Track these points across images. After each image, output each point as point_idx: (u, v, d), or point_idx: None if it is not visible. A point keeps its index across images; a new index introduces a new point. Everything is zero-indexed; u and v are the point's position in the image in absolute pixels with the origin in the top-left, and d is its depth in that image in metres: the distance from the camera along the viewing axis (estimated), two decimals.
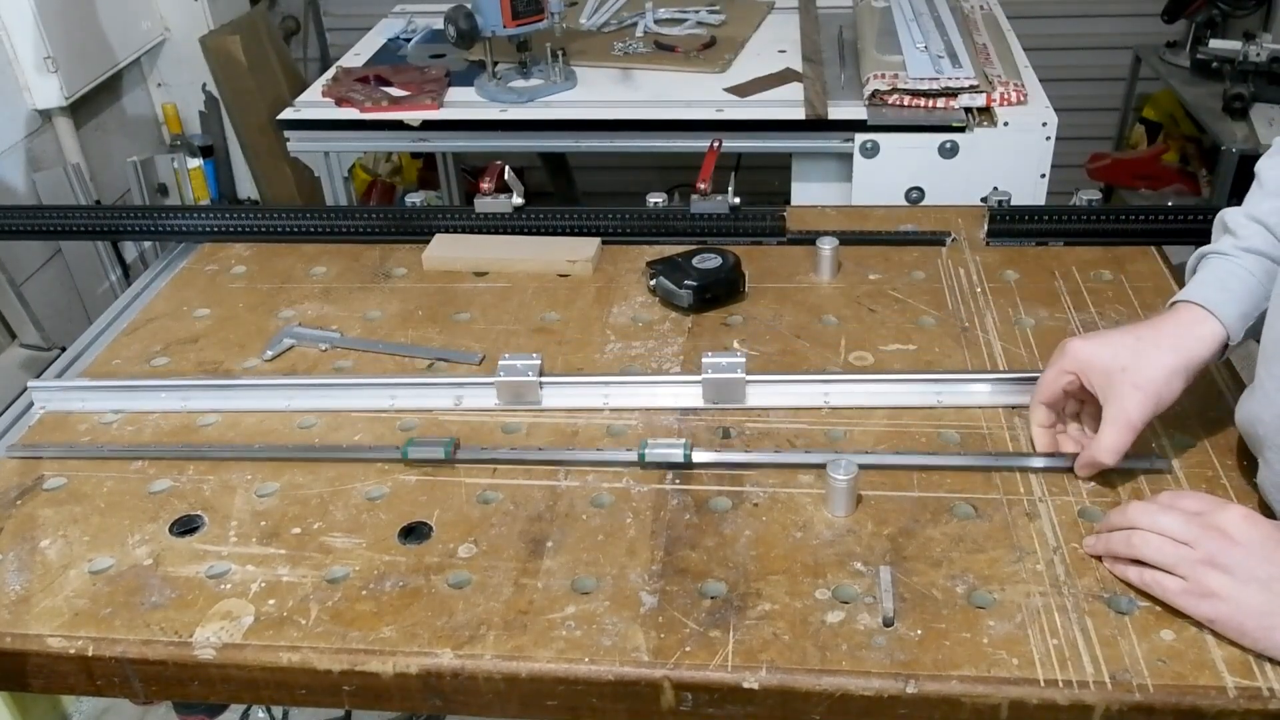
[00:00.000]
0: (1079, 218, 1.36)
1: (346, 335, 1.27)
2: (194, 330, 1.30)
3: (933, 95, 1.91)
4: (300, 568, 0.94)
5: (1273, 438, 0.89)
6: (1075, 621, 0.84)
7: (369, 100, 2.07)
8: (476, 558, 0.94)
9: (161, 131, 3.12)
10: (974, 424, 1.07)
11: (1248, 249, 0.95)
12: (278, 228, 1.48)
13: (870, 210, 1.51)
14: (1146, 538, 0.84)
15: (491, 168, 1.45)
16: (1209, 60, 2.75)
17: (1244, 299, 0.93)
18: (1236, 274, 0.95)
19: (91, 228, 1.59)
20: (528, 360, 1.12)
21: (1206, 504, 0.83)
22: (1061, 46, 3.27)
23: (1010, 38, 2.23)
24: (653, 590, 0.89)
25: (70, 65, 2.54)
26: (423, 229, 1.46)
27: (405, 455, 1.05)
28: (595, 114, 2.03)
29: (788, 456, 1.03)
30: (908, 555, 0.91)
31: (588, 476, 1.03)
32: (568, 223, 1.44)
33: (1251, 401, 0.93)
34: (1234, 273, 0.95)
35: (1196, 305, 0.94)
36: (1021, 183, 1.85)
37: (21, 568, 0.95)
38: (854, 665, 0.82)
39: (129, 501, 1.03)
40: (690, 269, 1.28)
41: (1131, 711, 0.78)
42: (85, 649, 0.87)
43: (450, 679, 0.84)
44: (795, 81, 2.08)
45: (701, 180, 1.42)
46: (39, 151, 2.55)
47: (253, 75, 2.93)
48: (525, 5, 1.99)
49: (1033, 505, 0.96)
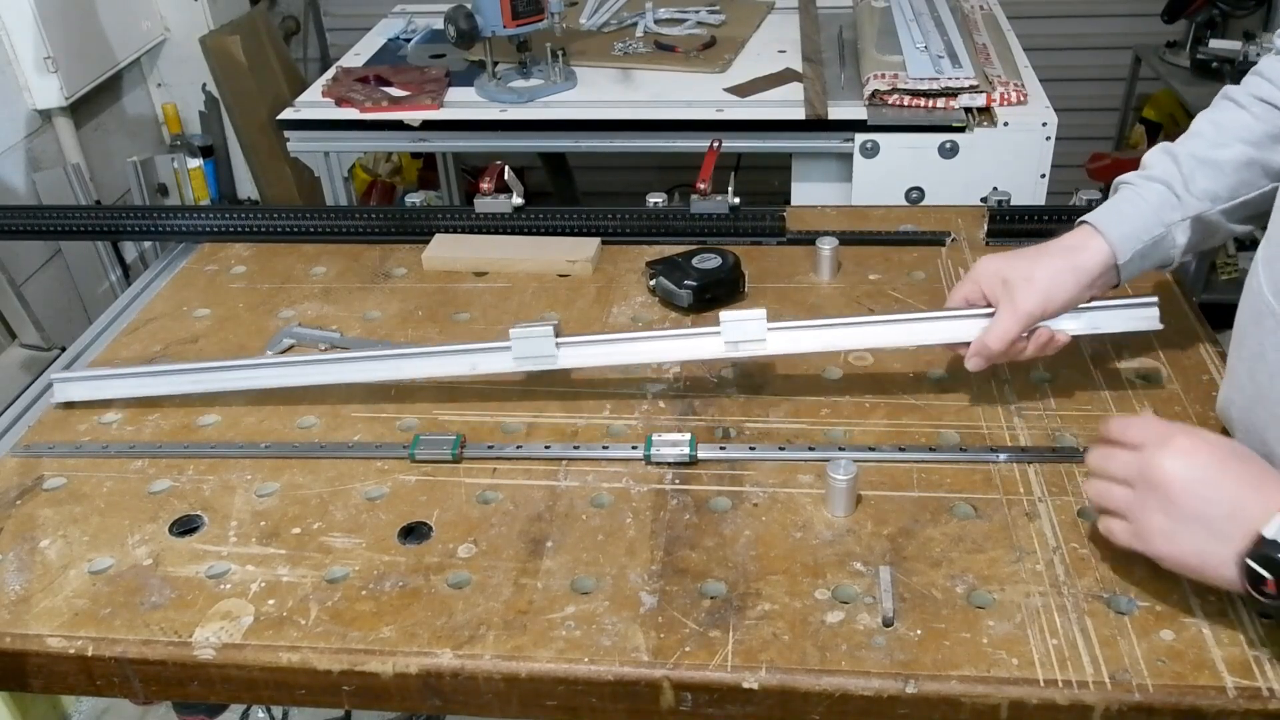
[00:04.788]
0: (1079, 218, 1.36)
1: (346, 335, 1.27)
2: (194, 330, 1.30)
3: (933, 95, 1.91)
4: (300, 568, 0.94)
5: (1243, 419, 0.92)
6: (1075, 621, 0.84)
7: (369, 100, 2.07)
8: (476, 558, 0.94)
9: (161, 131, 3.12)
10: (974, 424, 1.07)
11: (1149, 178, 1.02)
12: (278, 228, 1.48)
13: (870, 210, 1.51)
14: (1093, 483, 0.86)
15: (491, 168, 1.45)
16: (1209, 60, 2.75)
17: (1133, 220, 1.01)
18: (1130, 199, 1.02)
19: (91, 228, 1.59)
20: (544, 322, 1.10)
21: (1151, 433, 0.81)
22: (1061, 46, 3.27)
23: (1010, 38, 2.23)
24: (652, 590, 0.89)
25: (70, 65, 2.54)
26: (423, 229, 1.46)
27: (412, 455, 1.05)
28: (595, 114, 2.03)
29: (790, 454, 1.03)
30: (907, 555, 0.91)
31: (587, 476, 1.03)
32: (568, 223, 1.44)
33: (1226, 387, 0.97)
34: (1128, 198, 1.03)
35: (1088, 224, 1.03)
36: (1021, 183, 1.85)
37: (21, 568, 0.95)
38: (854, 665, 0.82)
39: (129, 501, 1.03)
40: (690, 269, 1.28)
41: (1131, 711, 0.78)
42: (85, 649, 0.87)
43: (450, 679, 0.84)
44: (795, 81, 2.08)
45: (701, 180, 1.42)
46: (39, 151, 2.55)
47: (253, 75, 2.93)
48: (525, 5, 1.99)
49: (1033, 505, 0.96)
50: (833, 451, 1.03)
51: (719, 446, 1.05)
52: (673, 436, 1.04)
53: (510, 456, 1.06)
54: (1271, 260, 0.88)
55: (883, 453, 1.04)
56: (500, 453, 1.06)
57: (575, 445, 1.07)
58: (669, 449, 1.03)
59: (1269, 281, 0.87)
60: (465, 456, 1.05)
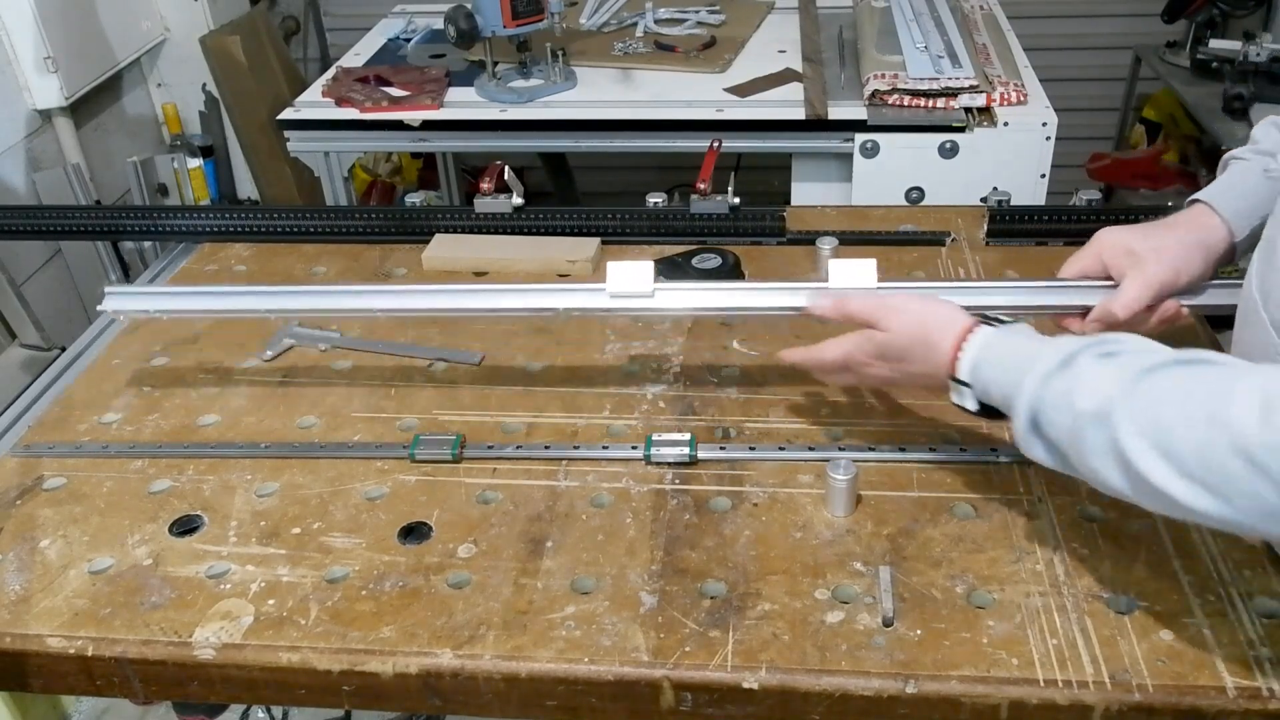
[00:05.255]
0: (1079, 218, 1.36)
1: (346, 335, 1.27)
2: (194, 330, 1.30)
3: (933, 95, 1.91)
4: (300, 568, 0.94)
5: None
6: (1075, 621, 0.84)
7: (369, 100, 2.07)
8: (476, 558, 0.94)
9: (161, 131, 3.12)
10: (974, 423, 1.07)
11: (1260, 151, 1.00)
12: (278, 228, 1.48)
13: (870, 210, 1.51)
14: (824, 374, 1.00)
15: (491, 168, 1.45)
16: (1209, 60, 2.75)
17: (1246, 195, 0.98)
18: (1241, 171, 1.00)
19: (91, 228, 1.59)
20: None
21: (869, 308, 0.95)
22: (1061, 46, 3.27)
23: (1010, 38, 2.23)
24: (652, 590, 0.89)
25: (70, 65, 2.54)
26: (423, 229, 1.46)
27: (412, 455, 1.05)
28: (595, 114, 2.03)
29: (790, 454, 1.03)
30: (907, 555, 0.91)
31: (587, 476, 1.03)
32: (568, 223, 1.44)
33: None
34: (1240, 171, 1.00)
35: (1201, 202, 1.00)
36: (1021, 183, 1.85)
37: (21, 568, 0.95)
38: (854, 665, 0.82)
39: (129, 501, 1.03)
40: (690, 269, 1.28)
41: (1131, 711, 0.78)
42: (85, 649, 0.87)
43: (450, 679, 0.84)
44: (795, 81, 2.08)
45: (701, 180, 1.42)
46: (39, 151, 2.55)
47: (253, 75, 2.93)
48: (525, 5, 1.99)
49: (1033, 505, 0.96)
50: (833, 451, 1.03)
51: (719, 446, 1.05)
52: (673, 436, 1.04)
53: (510, 456, 1.06)
54: (1264, 259, 0.87)
55: (883, 453, 1.04)
56: (500, 453, 1.06)
57: (575, 445, 1.07)
58: (669, 449, 1.03)
59: (1258, 278, 0.86)
60: (465, 456, 1.05)
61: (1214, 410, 0.66)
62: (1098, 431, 0.72)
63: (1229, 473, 0.65)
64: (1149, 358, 0.73)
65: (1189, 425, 0.67)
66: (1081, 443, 0.74)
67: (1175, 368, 0.72)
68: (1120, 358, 0.75)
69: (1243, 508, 0.65)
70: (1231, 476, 0.65)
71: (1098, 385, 0.73)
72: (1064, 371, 0.77)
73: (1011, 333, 0.87)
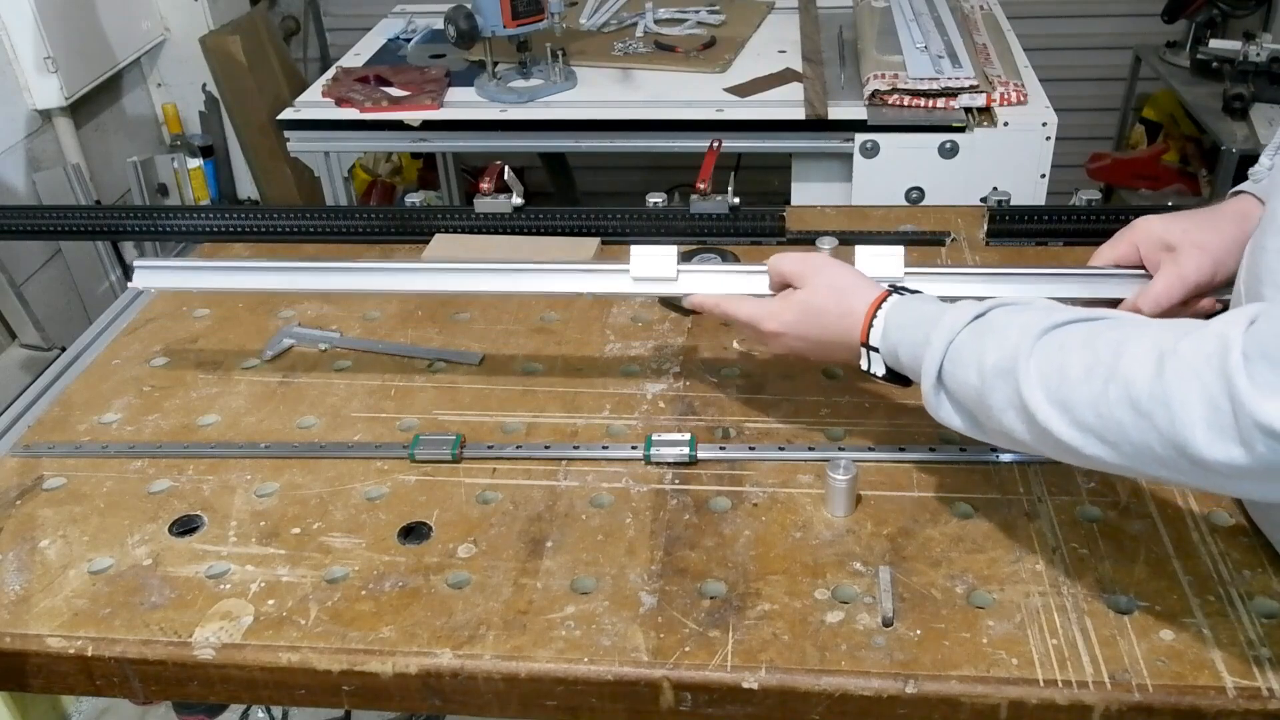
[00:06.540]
0: (1079, 218, 1.36)
1: (346, 335, 1.27)
2: (194, 330, 1.30)
3: (933, 95, 1.91)
4: (300, 568, 0.94)
5: None
6: (1074, 621, 0.84)
7: (369, 100, 2.07)
8: (476, 558, 0.94)
9: (161, 131, 3.12)
10: None
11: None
12: (278, 228, 1.48)
13: (870, 210, 1.51)
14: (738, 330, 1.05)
15: (491, 168, 1.45)
16: (1209, 60, 2.75)
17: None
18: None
19: (91, 228, 1.59)
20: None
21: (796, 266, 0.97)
22: (1061, 46, 3.27)
23: (1010, 38, 2.23)
24: (652, 590, 0.89)
25: (70, 65, 2.54)
26: (423, 229, 1.45)
27: (412, 455, 1.05)
28: (595, 114, 2.03)
29: (790, 454, 1.03)
30: (907, 555, 0.91)
31: (587, 476, 1.03)
32: (568, 223, 1.44)
33: None
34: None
35: (1248, 194, 0.95)
36: (1021, 183, 1.86)
37: (21, 568, 0.95)
38: (853, 665, 0.82)
39: (129, 501, 1.03)
40: None
41: (1131, 711, 0.78)
42: (85, 649, 0.87)
43: (450, 679, 0.84)
44: (795, 81, 2.08)
45: (701, 180, 1.42)
46: (39, 151, 2.56)
47: (253, 75, 2.93)
48: (525, 5, 1.99)
49: (1032, 505, 0.96)
50: (833, 451, 1.03)
51: (719, 446, 1.05)
52: (672, 436, 1.04)
53: (510, 456, 1.06)
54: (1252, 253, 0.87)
55: (883, 453, 1.04)
56: (500, 453, 1.06)
57: (575, 445, 1.07)
58: (669, 449, 1.03)
59: (1246, 271, 0.86)
60: (465, 456, 1.05)
61: (1110, 364, 0.69)
62: (1004, 385, 0.75)
63: (1121, 423, 0.68)
64: (1053, 315, 0.76)
65: (1087, 379, 0.70)
66: (989, 398, 0.76)
67: (1078, 324, 0.75)
68: (1026, 312, 0.78)
69: (1132, 455, 0.69)
70: (1123, 426, 0.68)
71: (1003, 342, 0.76)
72: (971, 329, 0.79)
73: (922, 300, 0.89)
